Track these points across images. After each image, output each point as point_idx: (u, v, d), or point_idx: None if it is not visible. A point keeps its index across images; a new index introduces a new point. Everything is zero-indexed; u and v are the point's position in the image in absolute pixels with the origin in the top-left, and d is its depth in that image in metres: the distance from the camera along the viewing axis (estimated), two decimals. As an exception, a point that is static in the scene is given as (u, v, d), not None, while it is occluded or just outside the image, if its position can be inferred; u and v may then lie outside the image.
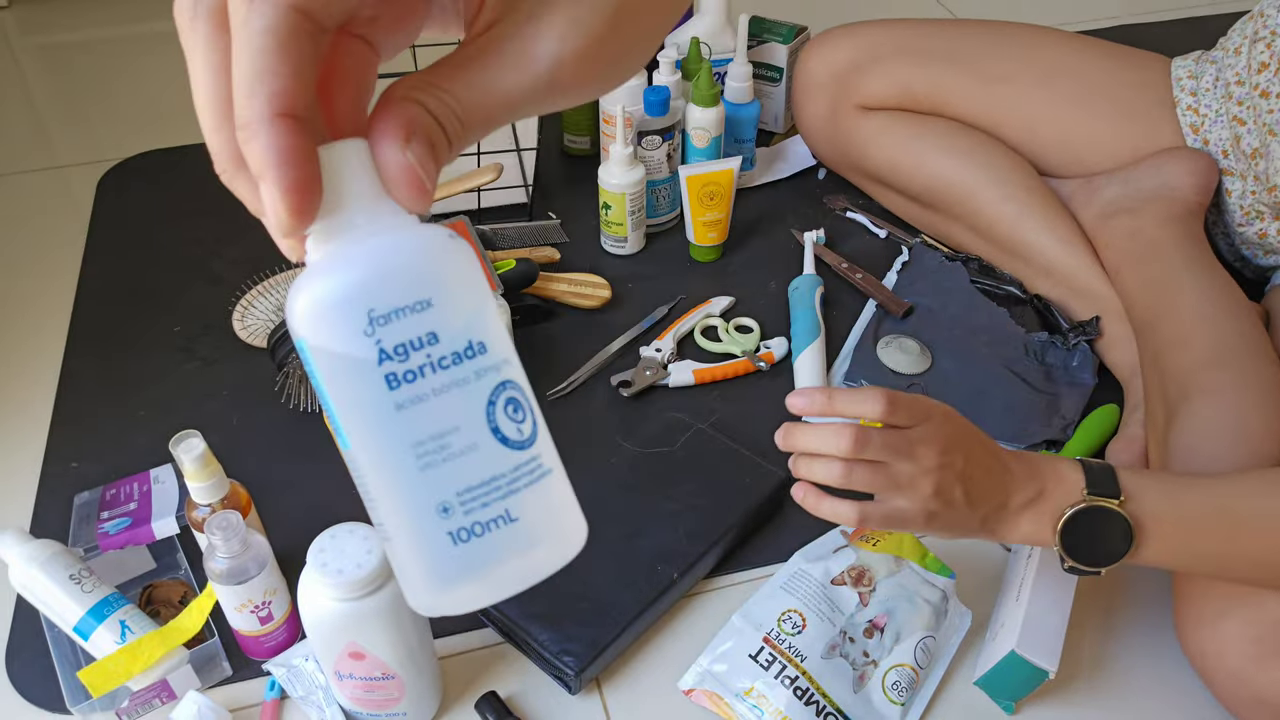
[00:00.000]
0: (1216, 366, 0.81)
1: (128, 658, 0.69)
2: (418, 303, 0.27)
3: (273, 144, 0.25)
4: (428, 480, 0.28)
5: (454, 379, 0.28)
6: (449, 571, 0.28)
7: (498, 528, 0.28)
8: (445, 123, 0.27)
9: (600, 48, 0.28)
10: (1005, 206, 1.02)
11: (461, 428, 0.28)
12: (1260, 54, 0.94)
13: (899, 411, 0.62)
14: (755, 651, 0.72)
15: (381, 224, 0.28)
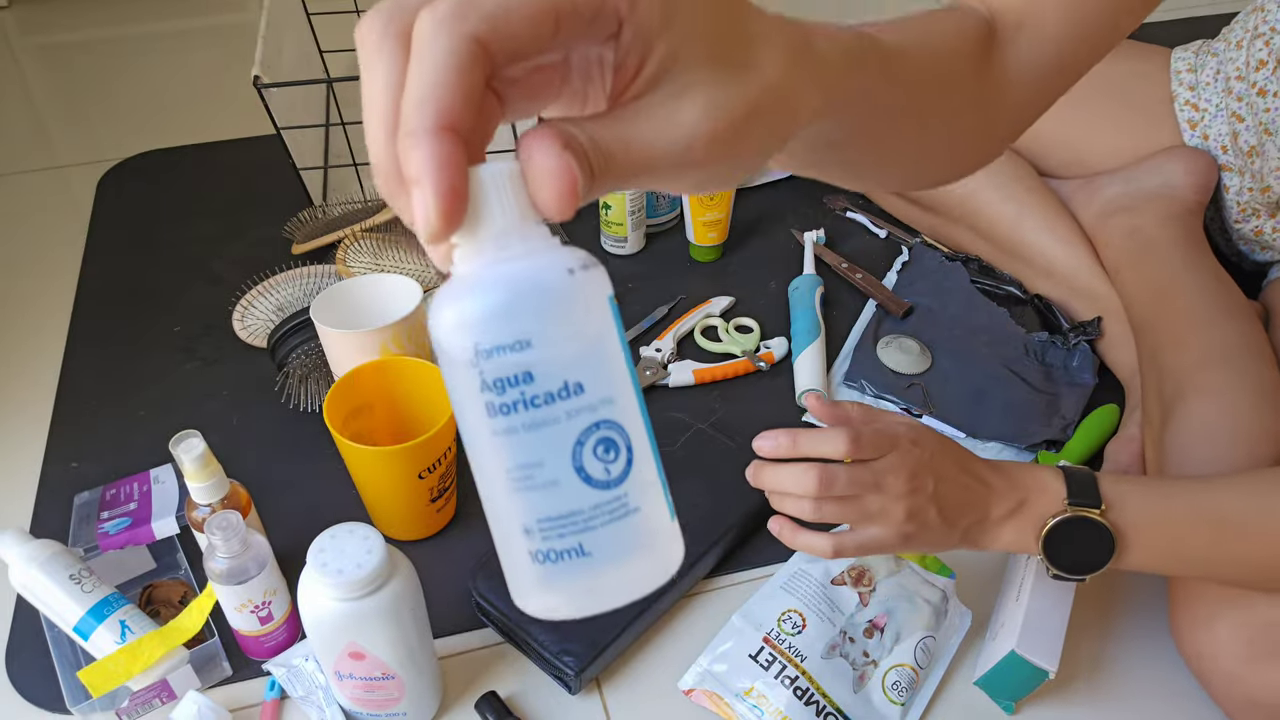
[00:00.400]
0: (1212, 367, 0.81)
1: (128, 658, 0.69)
2: (517, 342, 0.29)
3: (432, 153, 0.26)
4: (516, 502, 0.30)
5: (544, 417, 0.29)
6: (527, 583, 0.31)
7: (571, 558, 0.30)
8: (591, 154, 0.29)
9: (734, 134, 0.30)
10: (1005, 207, 1.02)
11: (546, 463, 0.30)
12: (1259, 51, 0.94)
13: (864, 449, 0.63)
14: (755, 651, 0.72)
15: (513, 250, 0.29)
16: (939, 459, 0.64)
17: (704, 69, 0.30)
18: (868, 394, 0.95)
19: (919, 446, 0.64)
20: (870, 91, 0.39)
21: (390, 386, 0.81)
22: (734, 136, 0.31)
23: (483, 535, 0.83)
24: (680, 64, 0.29)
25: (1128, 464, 0.85)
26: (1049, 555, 0.65)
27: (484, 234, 0.29)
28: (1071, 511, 0.63)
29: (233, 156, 1.27)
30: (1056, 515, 0.64)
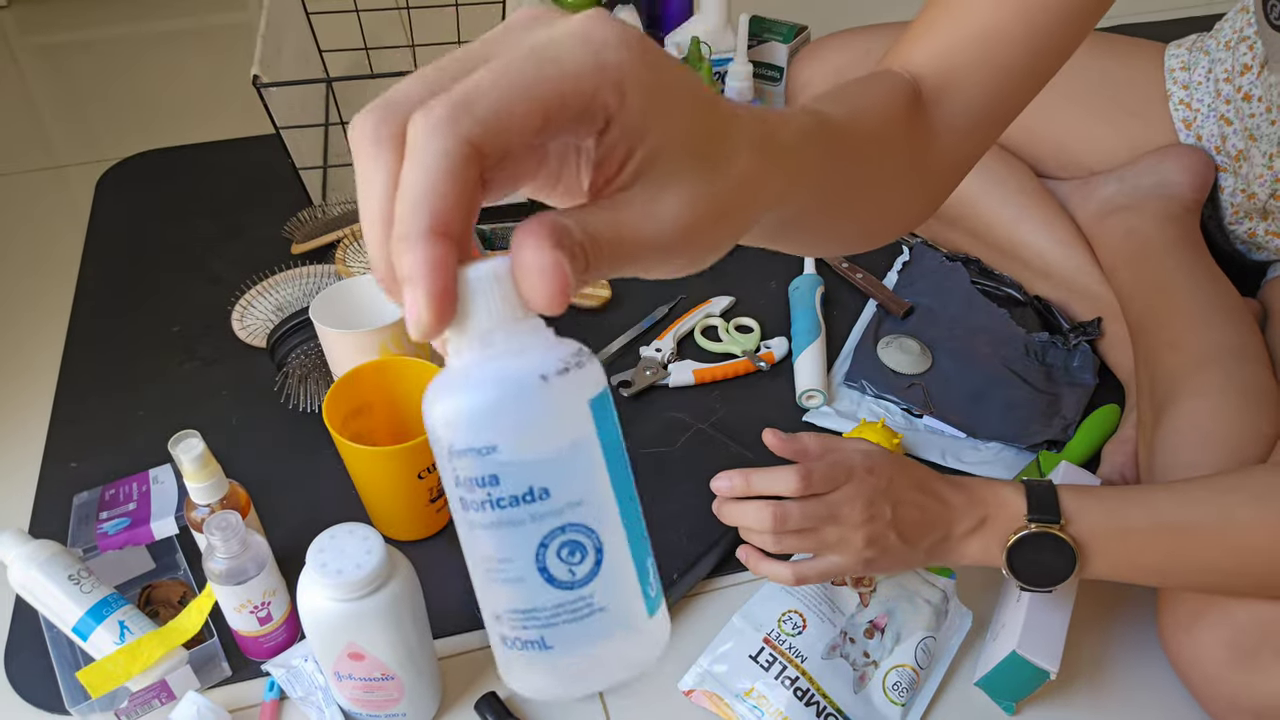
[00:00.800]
0: (1206, 368, 0.81)
1: (127, 658, 0.69)
2: (485, 447, 0.29)
3: (424, 256, 0.27)
4: (487, 589, 0.31)
5: (509, 518, 0.30)
6: (501, 662, 0.32)
7: (533, 649, 0.31)
8: (586, 246, 0.29)
9: (711, 223, 0.32)
10: (1003, 209, 1.02)
11: (513, 560, 0.30)
12: (1244, 55, 0.94)
13: (815, 484, 0.66)
14: (755, 652, 0.72)
15: (496, 349, 0.30)
16: (895, 484, 0.67)
17: (684, 164, 0.31)
18: (868, 394, 0.95)
19: (874, 474, 0.67)
20: (823, 170, 0.41)
21: (390, 386, 0.81)
22: (711, 225, 0.32)
23: (482, 535, 0.83)
24: (663, 159, 0.30)
25: (1123, 464, 0.85)
26: (1013, 569, 0.67)
27: (471, 332, 0.30)
28: (1034, 527, 0.65)
29: (232, 156, 1.27)
30: (1018, 531, 0.66)
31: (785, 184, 0.37)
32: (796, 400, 0.94)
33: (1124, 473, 0.85)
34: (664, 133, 0.30)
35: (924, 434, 0.92)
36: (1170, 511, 0.66)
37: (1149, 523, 0.66)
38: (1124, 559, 0.66)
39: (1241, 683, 0.65)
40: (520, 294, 0.29)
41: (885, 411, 0.94)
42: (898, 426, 0.92)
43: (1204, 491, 0.67)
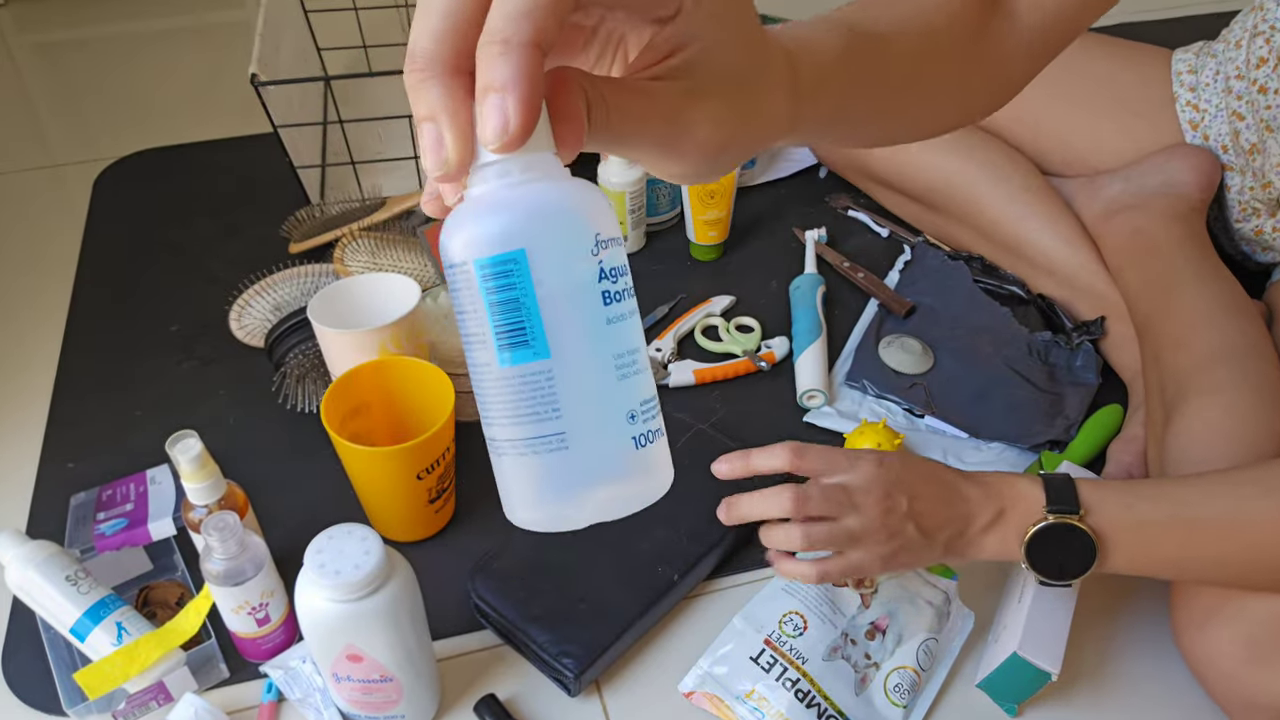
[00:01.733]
0: (1215, 367, 0.81)
1: (124, 659, 0.69)
2: (618, 237, 0.32)
3: (525, 65, 0.27)
4: (622, 390, 0.31)
5: (633, 306, 0.32)
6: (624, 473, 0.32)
7: (658, 439, 0.32)
8: (594, 110, 0.31)
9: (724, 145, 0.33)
10: (1008, 206, 1.01)
11: (639, 349, 0.32)
12: (1259, 49, 0.94)
13: (807, 458, 0.67)
14: (756, 654, 0.72)
15: (559, 169, 0.31)
16: (908, 477, 0.67)
17: (721, 84, 0.32)
18: (870, 394, 0.95)
19: (884, 466, 0.67)
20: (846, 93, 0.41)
21: (388, 386, 0.80)
22: (721, 146, 0.33)
23: (482, 535, 0.83)
24: (703, 68, 0.31)
25: (1131, 464, 0.85)
26: (1032, 561, 0.66)
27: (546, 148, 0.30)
28: (1052, 518, 0.65)
29: (230, 155, 1.27)
30: (1037, 522, 0.65)
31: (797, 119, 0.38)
32: (797, 400, 0.94)
33: (1131, 472, 0.84)
34: (717, 45, 0.31)
35: (926, 434, 0.91)
36: (1187, 504, 0.66)
37: (1166, 515, 0.66)
38: (1141, 551, 0.66)
39: (1258, 680, 0.65)
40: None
41: (887, 411, 0.93)
42: (899, 427, 0.92)
43: (1220, 485, 0.67)
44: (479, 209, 0.30)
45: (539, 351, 0.31)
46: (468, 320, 0.32)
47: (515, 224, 0.30)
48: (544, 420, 0.31)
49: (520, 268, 0.30)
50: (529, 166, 0.30)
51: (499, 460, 0.33)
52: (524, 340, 0.31)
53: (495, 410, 0.32)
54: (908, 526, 0.65)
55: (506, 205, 0.30)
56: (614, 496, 0.32)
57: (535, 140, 0.30)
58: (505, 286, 0.30)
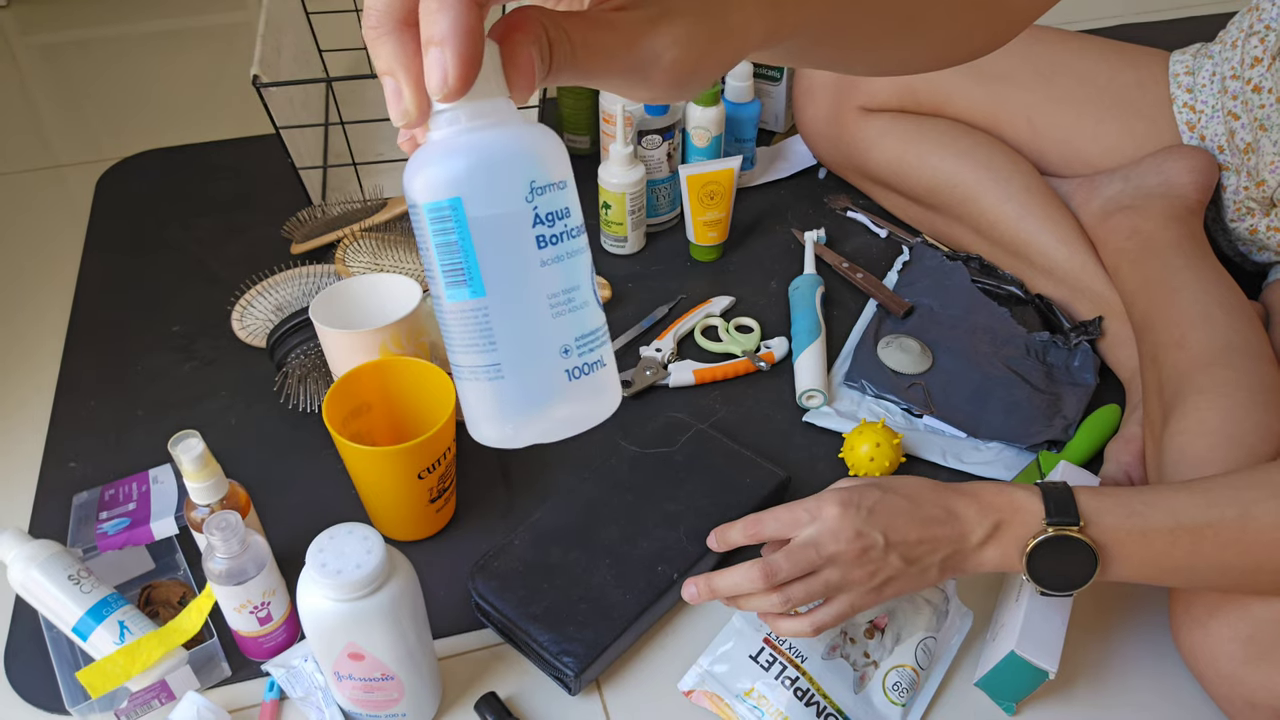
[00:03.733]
0: (1212, 366, 0.81)
1: (126, 658, 0.69)
2: (560, 181, 0.34)
3: (461, 19, 0.29)
4: (557, 326, 0.34)
5: (577, 247, 0.34)
6: (559, 402, 0.35)
7: (597, 370, 0.35)
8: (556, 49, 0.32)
9: (693, 65, 0.34)
10: (1006, 206, 1.02)
11: (580, 286, 0.34)
12: (1254, 48, 0.94)
13: (765, 526, 0.67)
14: (755, 652, 0.72)
15: (511, 114, 0.33)
16: (881, 509, 0.65)
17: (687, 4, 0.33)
18: (869, 394, 0.95)
19: (850, 507, 0.65)
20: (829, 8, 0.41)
21: (390, 386, 0.81)
22: (692, 68, 0.34)
23: (482, 535, 0.83)
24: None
25: (1129, 464, 0.85)
26: (1033, 574, 0.66)
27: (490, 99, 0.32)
28: (1052, 530, 0.64)
29: (232, 156, 1.27)
30: (1037, 535, 0.64)
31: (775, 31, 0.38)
32: (797, 400, 0.94)
33: (1129, 472, 0.85)
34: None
35: (924, 434, 0.92)
36: (1189, 511, 0.65)
37: (1169, 523, 0.65)
38: (1144, 560, 0.65)
39: (1259, 680, 0.65)
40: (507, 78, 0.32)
41: (885, 411, 0.94)
42: (898, 426, 0.92)
43: (1222, 489, 0.66)
44: (428, 155, 0.33)
45: (475, 290, 0.33)
46: (424, 257, 0.35)
47: (453, 172, 0.32)
48: (483, 352, 0.34)
49: (457, 214, 0.33)
50: (477, 114, 0.32)
51: (457, 383, 0.36)
52: (462, 280, 0.34)
53: (449, 339, 0.35)
54: (890, 559, 0.64)
55: (448, 153, 0.32)
56: (552, 422, 0.35)
57: (484, 87, 0.32)
58: (444, 230, 0.33)
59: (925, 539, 0.65)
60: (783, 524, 0.67)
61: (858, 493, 0.66)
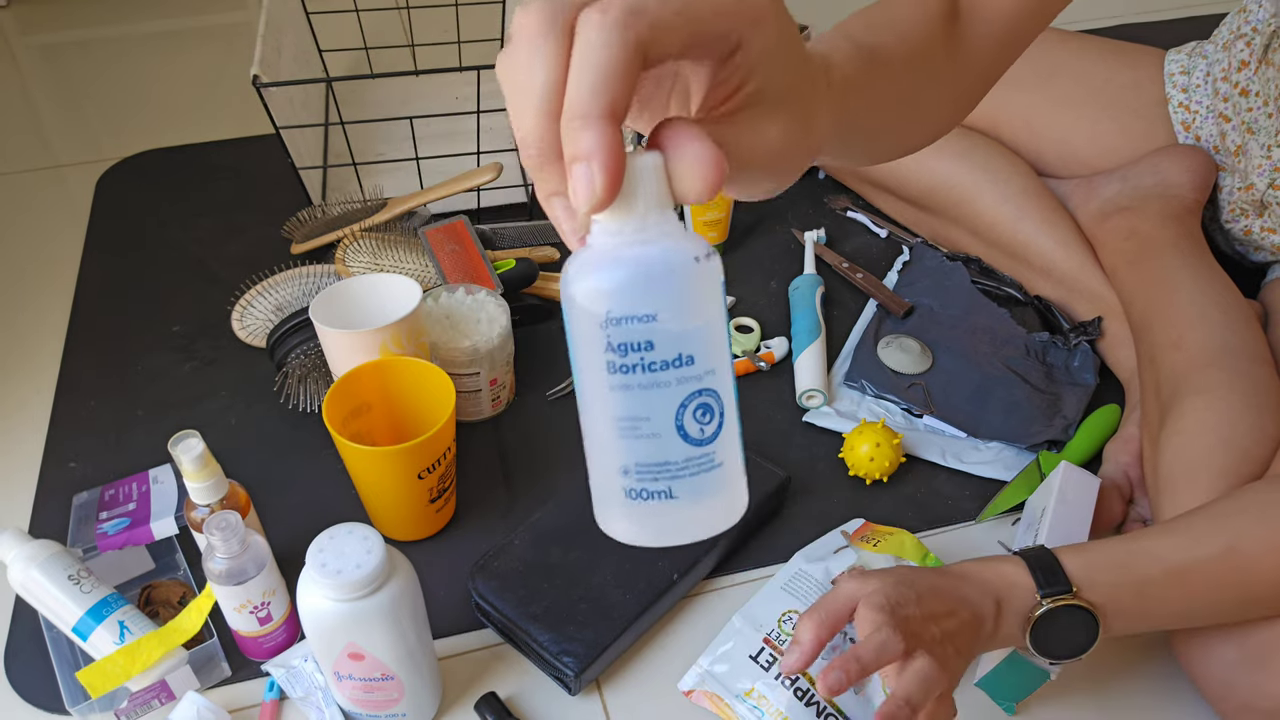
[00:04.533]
0: (1209, 367, 0.81)
1: (126, 658, 0.69)
2: (646, 315, 0.34)
3: (603, 136, 0.30)
4: (619, 446, 0.35)
5: (657, 380, 0.34)
6: (615, 513, 0.36)
7: (658, 499, 0.35)
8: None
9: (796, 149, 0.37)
10: (1004, 208, 1.02)
11: (652, 418, 0.35)
12: (1241, 51, 0.95)
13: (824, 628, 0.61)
14: (756, 652, 0.72)
15: (649, 234, 0.33)
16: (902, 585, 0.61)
17: (784, 98, 0.36)
18: (869, 394, 0.95)
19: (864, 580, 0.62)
20: (863, 100, 0.44)
21: (390, 386, 0.81)
22: (796, 151, 0.37)
23: (482, 535, 0.83)
24: (770, 90, 0.35)
25: (1128, 464, 0.85)
26: (1038, 647, 0.64)
27: (628, 215, 0.33)
28: (1049, 603, 0.62)
29: (232, 156, 1.27)
30: (1035, 609, 0.62)
31: (838, 119, 0.42)
32: (797, 400, 0.94)
33: (1128, 471, 0.85)
34: (777, 69, 0.35)
35: (924, 434, 0.92)
36: (1175, 554, 0.65)
37: (1159, 570, 0.64)
38: (1141, 612, 0.65)
39: (1254, 684, 0.65)
40: (676, 184, 0.33)
41: (885, 411, 0.94)
42: (898, 427, 0.92)
43: (1205, 524, 0.66)
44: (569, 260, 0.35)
45: (575, 379, 0.36)
46: None
47: (563, 278, 0.34)
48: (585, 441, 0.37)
49: (566, 323, 0.35)
50: (603, 230, 0.34)
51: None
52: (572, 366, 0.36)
53: None
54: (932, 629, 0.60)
55: (570, 261, 0.35)
56: (619, 526, 0.37)
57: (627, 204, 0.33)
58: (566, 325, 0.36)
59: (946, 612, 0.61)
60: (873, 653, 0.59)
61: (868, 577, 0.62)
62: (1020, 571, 0.64)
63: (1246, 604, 0.65)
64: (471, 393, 0.90)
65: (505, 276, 0.98)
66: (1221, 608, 0.66)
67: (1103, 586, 0.63)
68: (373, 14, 1.39)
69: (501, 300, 0.91)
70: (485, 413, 0.93)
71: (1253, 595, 0.65)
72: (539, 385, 0.96)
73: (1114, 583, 0.64)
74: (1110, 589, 0.64)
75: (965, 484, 0.88)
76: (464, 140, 1.21)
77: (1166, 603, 0.65)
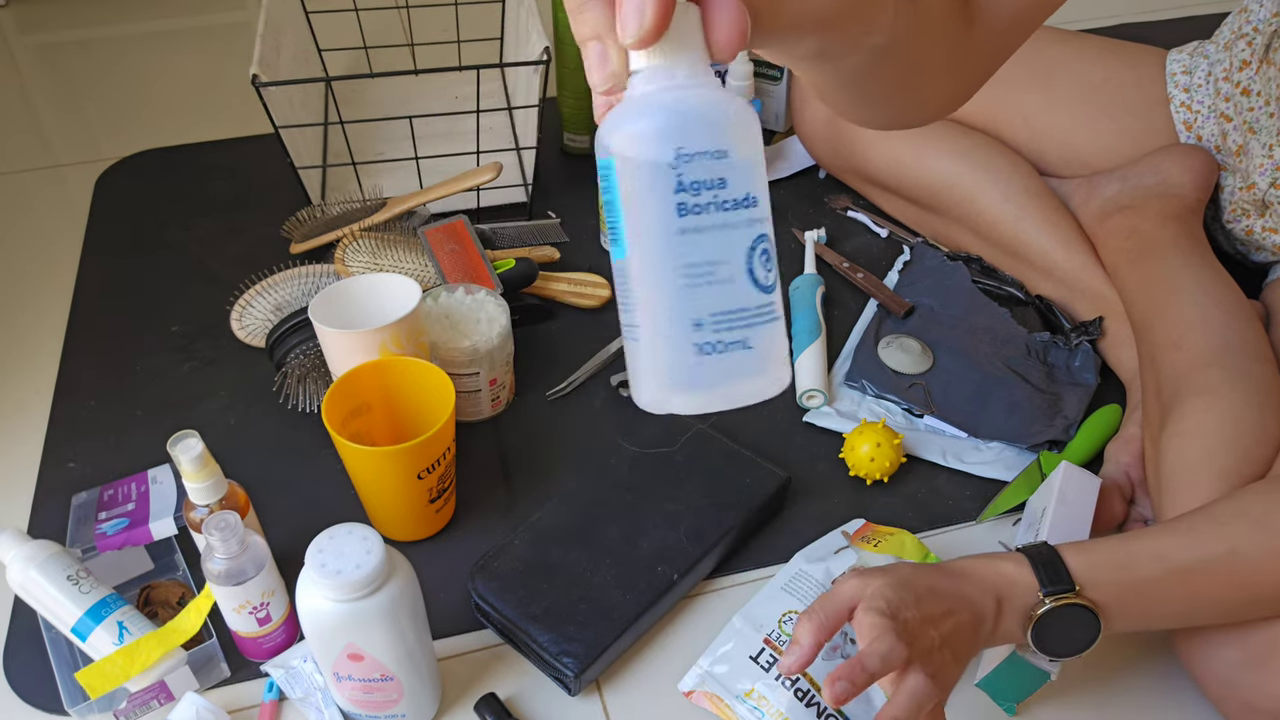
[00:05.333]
0: (1210, 367, 0.81)
1: (125, 659, 0.69)
2: (717, 151, 0.33)
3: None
4: (690, 298, 0.34)
5: (729, 220, 0.34)
6: (686, 377, 0.34)
7: (735, 350, 0.34)
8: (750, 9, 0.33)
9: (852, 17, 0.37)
10: (1005, 207, 1.02)
11: (727, 262, 0.34)
12: (1242, 51, 0.95)
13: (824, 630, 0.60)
14: (756, 653, 0.72)
15: (698, 79, 0.33)
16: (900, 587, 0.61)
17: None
18: (869, 394, 0.95)
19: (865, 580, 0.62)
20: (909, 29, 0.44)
21: (389, 386, 0.81)
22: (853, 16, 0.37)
23: (482, 535, 0.83)
24: None
25: (1129, 464, 0.85)
26: (1040, 645, 0.64)
27: (681, 58, 0.33)
28: (1052, 601, 0.62)
29: (231, 155, 1.27)
30: (1037, 608, 0.62)
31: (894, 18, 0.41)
32: (797, 400, 0.94)
33: (1129, 472, 0.85)
34: None
35: (925, 434, 0.91)
36: (1177, 554, 0.65)
37: (1161, 570, 0.64)
38: (1142, 612, 0.65)
39: (1256, 683, 0.65)
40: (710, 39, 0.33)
41: (886, 411, 0.94)
42: (898, 427, 0.92)
43: (1207, 525, 0.66)
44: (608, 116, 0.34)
45: (620, 250, 0.35)
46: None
47: (607, 133, 0.34)
48: (627, 311, 0.35)
49: (610, 173, 0.34)
50: (652, 78, 0.33)
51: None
52: (615, 238, 0.35)
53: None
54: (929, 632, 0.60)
55: (615, 114, 0.34)
56: (691, 395, 0.35)
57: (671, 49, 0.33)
58: (605, 189, 0.35)
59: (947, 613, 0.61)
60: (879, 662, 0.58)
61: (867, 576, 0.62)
62: (1022, 569, 0.64)
63: (1248, 604, 0.65)
64: (471, 393, 0.90)
65: (505, 276, 0.98)
66: (1223, 608, 0.66)
67: (1105, 585, 0.63)
68: (372, 13, 1.39)
69: (501, 300, 0.91)
70: (485, 413, 0.93)
71: (1255, 596, 0.65)
72: (539, 385, 0.96)
73: (1116, 581, 0.64)
74: (1112, 588, 0.64)
75: (966, 484, 0.88)
76: (463, 140, 1.21)
77: (1168, 603, 0.65)
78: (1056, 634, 0.63)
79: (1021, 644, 0.65)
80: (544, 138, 1.17)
